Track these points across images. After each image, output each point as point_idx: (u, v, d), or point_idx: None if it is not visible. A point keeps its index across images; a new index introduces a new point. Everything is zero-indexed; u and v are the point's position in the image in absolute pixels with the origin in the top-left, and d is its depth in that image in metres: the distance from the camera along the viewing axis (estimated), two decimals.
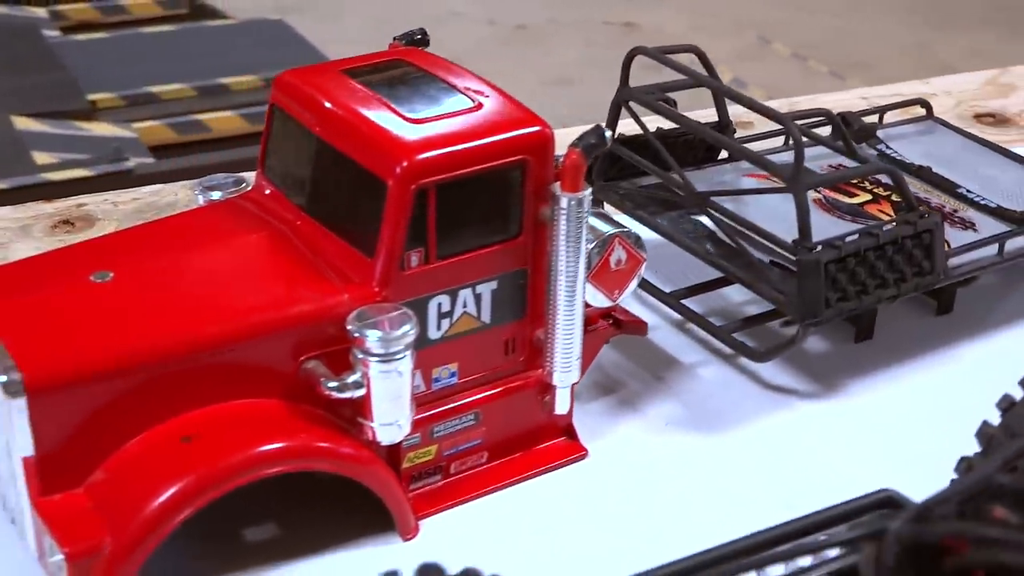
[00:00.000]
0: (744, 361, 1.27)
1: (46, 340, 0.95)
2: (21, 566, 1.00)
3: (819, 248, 1.12)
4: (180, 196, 1.52)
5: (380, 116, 1.02)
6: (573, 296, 1.06)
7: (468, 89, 1.07)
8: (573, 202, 1.02)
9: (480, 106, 1.05)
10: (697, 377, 1.25)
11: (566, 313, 1.06)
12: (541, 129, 1.03)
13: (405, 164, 0.98)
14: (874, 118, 1.46)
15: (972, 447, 0.85)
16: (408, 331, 0.98)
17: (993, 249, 1.25)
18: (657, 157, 1.25)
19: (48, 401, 0.93)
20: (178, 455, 0.95)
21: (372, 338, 0.97)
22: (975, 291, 1.35)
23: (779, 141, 1.41)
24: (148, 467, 0.95)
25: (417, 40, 1.17)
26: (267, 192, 1.11)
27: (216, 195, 1.14)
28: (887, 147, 1.42)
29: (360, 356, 0.98)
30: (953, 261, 1.21)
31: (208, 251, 1.04)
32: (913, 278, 1.17)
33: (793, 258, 1.13)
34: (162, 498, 0.93)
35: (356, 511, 1.06)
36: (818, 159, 1.39)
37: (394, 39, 1.17)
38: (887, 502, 0.75)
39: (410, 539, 1.05)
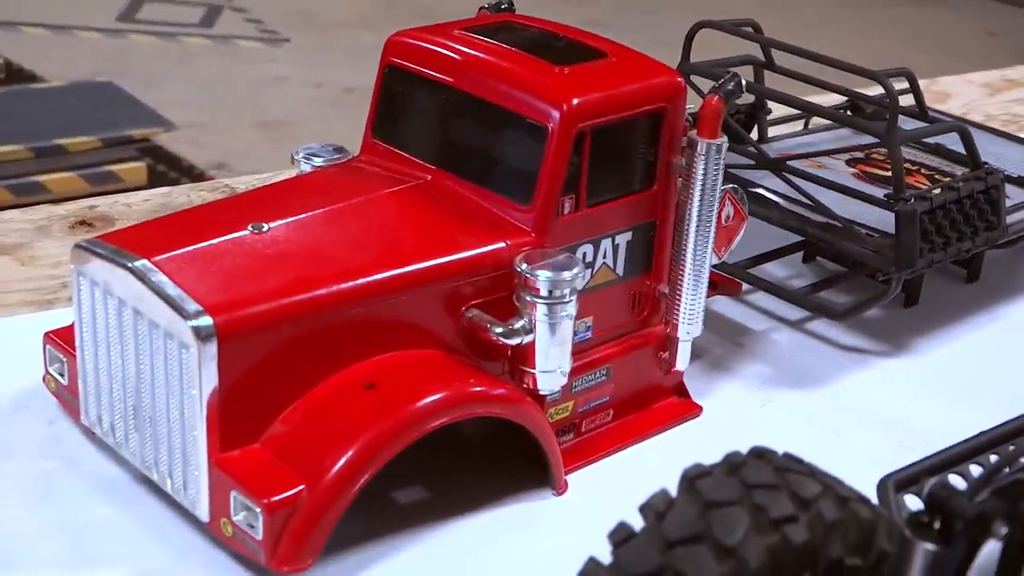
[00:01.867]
0: (811, 325, 1.30)
1: (223, 287, 0.90)
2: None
3: (913, 200, 1.16)
4: (192, 197, 1.47)
5: (525, 64, 1.02)
6: (706, 244, 1.07)
7: (592, 41, 1.08)
8: (713, 148, 1.04)
9: (612, 57, 1.06)
10: (773, 342, 1.27)
11: (696, 262, 1.07)
12: (677, 79, 1.05)
13: (565, 108, 0.98)
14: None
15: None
16: (577, 274, 0.98)
17: None
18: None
19: (236, 347, 0.89)
20: (367, 402, 0.92)
21: (543, 278, 0.96)
22: (995, 264, 1.43)
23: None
24: (337, 415, 0.91)
25: (504, 8, 1.17)
26: (381, 153, 1.09)
27: (319, 161, 1.11)
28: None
29: (529, 299, 0.97)
30: (1007, 220, 1.27)
31: (353, 205, 1.01)
32: (983, 232, 1.22)
33: (891, 210, 1.16)
34: (361, 444, 0.89)
35: (498, 474, 1.04)
36: (839, 140, 1.44)
37: (481, 9, 1.17)
38: None
39: (561, 494, 1.03)
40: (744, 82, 1.05)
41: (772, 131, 1.45)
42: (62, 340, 1.03)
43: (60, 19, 5.30)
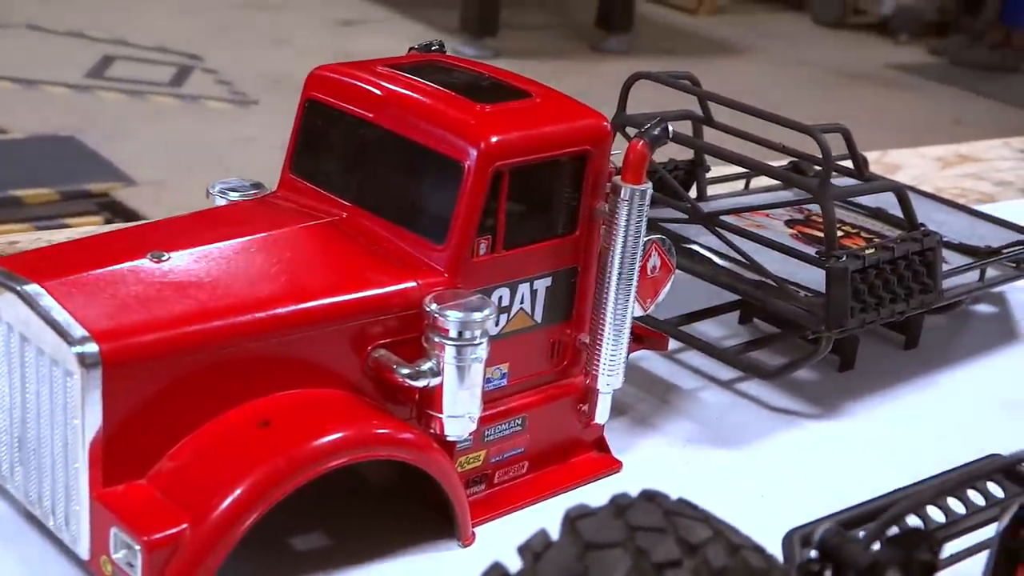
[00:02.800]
0: (742, 386, 1.27)
1: (114, 314, 0.87)
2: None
3: (845, 258, 1.14)
4: None
5: (446, 101, 1.00)
6: (628, 292, 1.04)
7: (518, 83, 1.06)
8: (636, 193, 1.01)
9: (537, 98, 1.03)
10: (700, 400, 1.24)
11: (618, 311, 1.04)
12: (602, 122, 1.03)
13: (483, 145, 0.95)
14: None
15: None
16: (488, 315, 0.94)
17: (973, 276, 1.30)
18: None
19: (123, 376, 0.85)
20: (260, 440, 0.88)
21: (452, 319, 0.93)
22: (934, 331, 1.40)
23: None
24: (228, 452, 0.87)
25: (435, 49, 1.14)
26: (299, 189, 1.06)
27: (235, 196, 1.08)
28: None
29: (437, 340, 0.94)
30: (944, 284, 1.25)
31: (262, 238, 0.98)
32: (918, 295, 1.20)
33: (822, 267, 1.14)
34: (250, 482, 0.85)
35: (402, 522, 1.00)
36: (780, 201, 1.42)
37: (411, 48, 1.15)
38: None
39: (467, 545, 0.99)
40: (671, 128, 1.02)
41: (712, 190, 1.43)
42: None
43: (28, 74, 5.27)
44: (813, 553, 0.67)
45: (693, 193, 1.40)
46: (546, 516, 1.03)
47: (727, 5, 7.93)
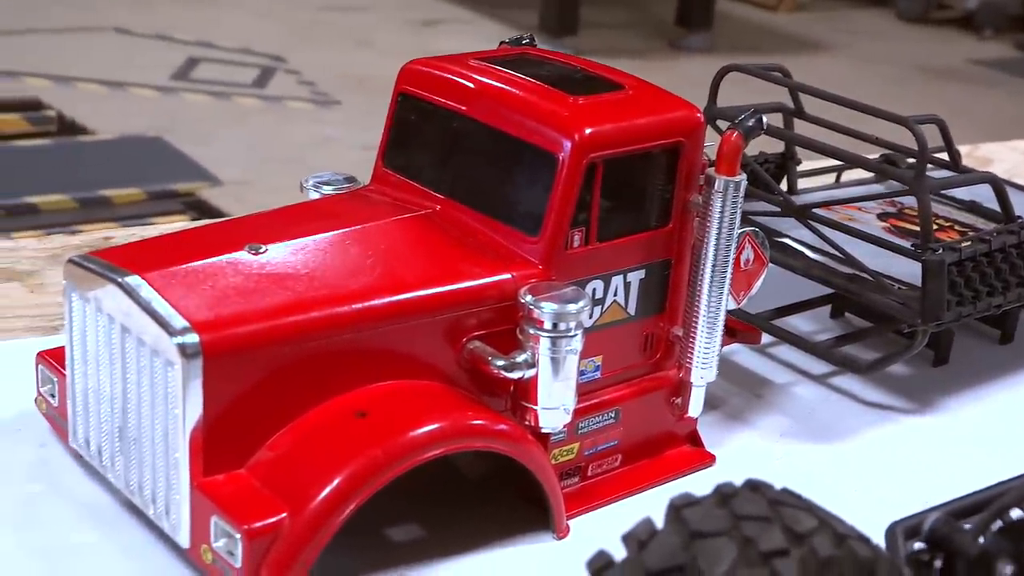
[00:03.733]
0: (835, 380, 1.26)
1: (213, 305, 0.88)
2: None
3: (941, 250, 1.12)
4: None
5: (539, 94, 1.00)
6: (722, 284, 1.03)
7: (611, 75, 1.05)
8: (730, 185, 1.01)
9: (630, 89, 1.03)
10: (793, 395, 1.23)
11: (712, 304, 1.03)
12: (695, 113, 1.02)
13: (577, 137, 0.95)
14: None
15: None
16: (583, 307, 0.94)
17: None
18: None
19: (223, 366, 0.86)
20: (357, 430, 0.88)
21: (547, 311, 0.93)
22: None
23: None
24: (326, 442, 0.88)
25: (525, 43, 1.14)
26: (392, 182, 1.06)
27: (328, 189, 1.09)
28: None
29: (532, 332, 0.94)
30: None
31: (357, 231, 0.98)
32: (1015, 288, 1.18)
33: (919, 260, 1.12)
34: (348, 472, 0.86)
35: (497, 514, 1.00)
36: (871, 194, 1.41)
37: (502, 42, 1.15)
38: None
39: (562, 537, 0.99)
40: (765, 120, 1.01)
41: (802, 183, 1.42)
42: (54, 360, 1.01)
43: (115, 76, 5.35)
44: (918, 545, 0.66)
45: (784, 187, 1.38)
46: (640, 509, 1.03)
47: (808, 1, 7.85)
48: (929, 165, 1.21)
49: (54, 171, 4.11)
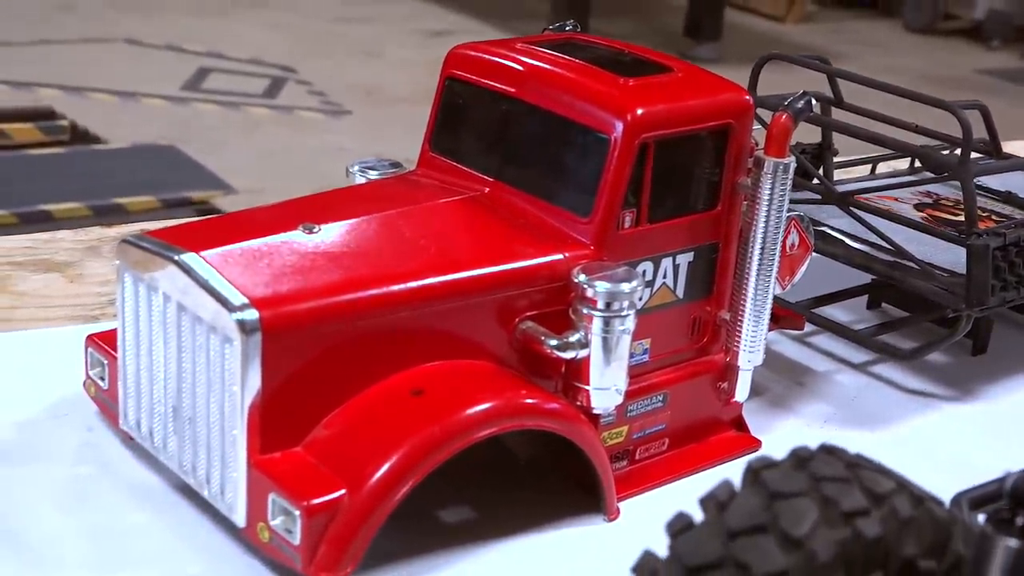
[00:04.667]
0: (875, 368, 1.25)
1: (271, 283, 0.88)
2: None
3: (986, 235, 1.12)
4: None
5: (589, 75, 1.00)
6: (770, 268, 1.03)
7: (659, 58, 1.05)
8: (780, 167, 1.01)
9: (679, 72, 1.03)
10: (836, 382, 1.23)
11: (760, 287, 1.03)
12: (744, 96, 1.02)
13: (629, 118, 0.95)
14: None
15: None
16: (636, 287, 0.94)
17: None
18: None
19: (281, 343, 0.86)
20: (414, 407, 0.88)
21: (600, 290, 0.93)
22: None
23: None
24: (382, 420, 0.88)
25: (569, 29, 1.14)
26: (439, 166, 1.06)
27: (374, 174, 1.09)
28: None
29: (585, 312, 0.94)
30: None
31: (408, 211, 0.99)
32: None
33: (963, 245, 1.12)
34: (405, 450, 0.86)
35: (548, 496, 1.00)
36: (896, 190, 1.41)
37: (545, 29, 1.15)
38: None
39: (613, 519, 0.99)
40: (814, 102, 1.01)
41: (838, 175, 1.42)
42: (104, 343, 1.01)
43: (127, 86, 5.36)
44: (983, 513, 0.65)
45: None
46: (688, 494, 1.03)
47: (816, 12, 7.87)
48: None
49: (68, 179, 4.12)
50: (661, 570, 0.61)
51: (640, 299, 0.96)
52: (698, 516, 0.63)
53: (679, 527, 0.62)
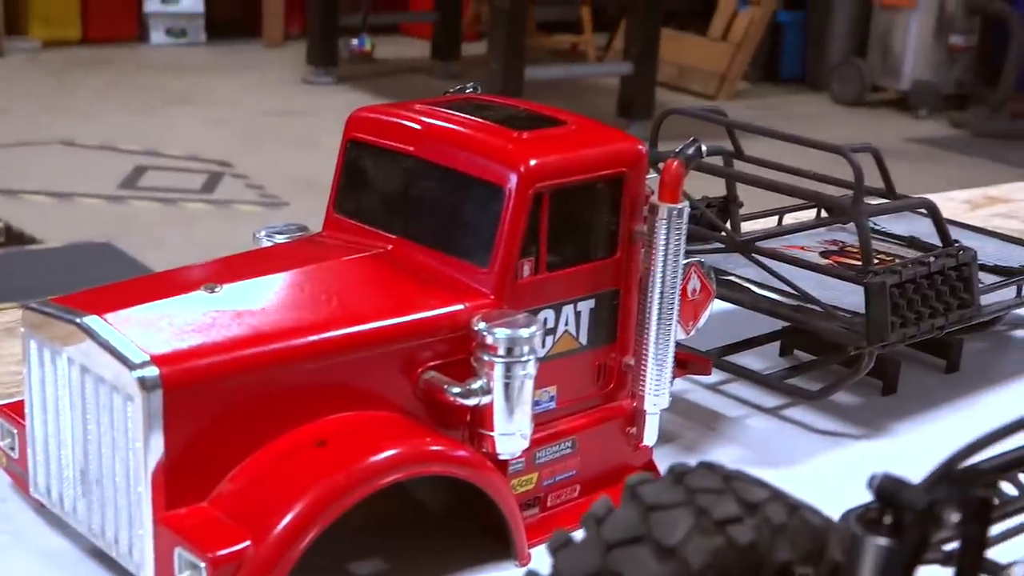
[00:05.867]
0: (787, 412, 1.28)
1: (171, 340, 0.89)
2: None
3: (882, 273, 1.15)
4: None
5: (484, 131, 1.02)
6: (671, 312, 1.05)
7: (553, 113, 1.08)
8: (674, 212, 1.03)
9: (572, 125, 1.06)
10: (747, 426, 1.25)
11: (662, 330, 1.06)
12: (637, 146, 1.05)
13: (523, 168, 0.98)
14: None
15: None
16: (535, 332, 0.96)
17: (1010, 293, 1.31)
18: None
19: (182, 399, 0.87)
20: (317, 458, 0.90)
21: (500, 336, 0.95)
22: (974, 355, 1.41)
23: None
24: (286, 471, 0.89)
25: (469, 91, 1.17)
26: (344, 227, 1.08)
27: (280, 238, 1.11)
28: (875, 224, 1.48)
29: (486, 359, 0.96)
30: (982, 301, 1.26)
31: (311, 269, 1.00)
32: (956, 309, 1.21)
33: (860, 284, 1.15)
34: (309, 499, 0.86)
35: (459, 545, 1.01)
36: (814, 235, 1.44)
37: (446, 91, 1.18)
38: None
39: (524, 564, 1.00)
40: (704, 148, 1.05)
41: (749, 226, 1.45)
42: (14, 413, 1.01)
43: (63, 187, 5.37)
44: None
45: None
46: None
47: (746, 89, 8.01)
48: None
49: (2, 279, 4.11)
50: None
51: (541, 345, 0.98)
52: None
53: (558, 544, 0.64)
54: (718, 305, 1.26)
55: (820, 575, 0.65)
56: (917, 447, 1.23)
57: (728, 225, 1.43)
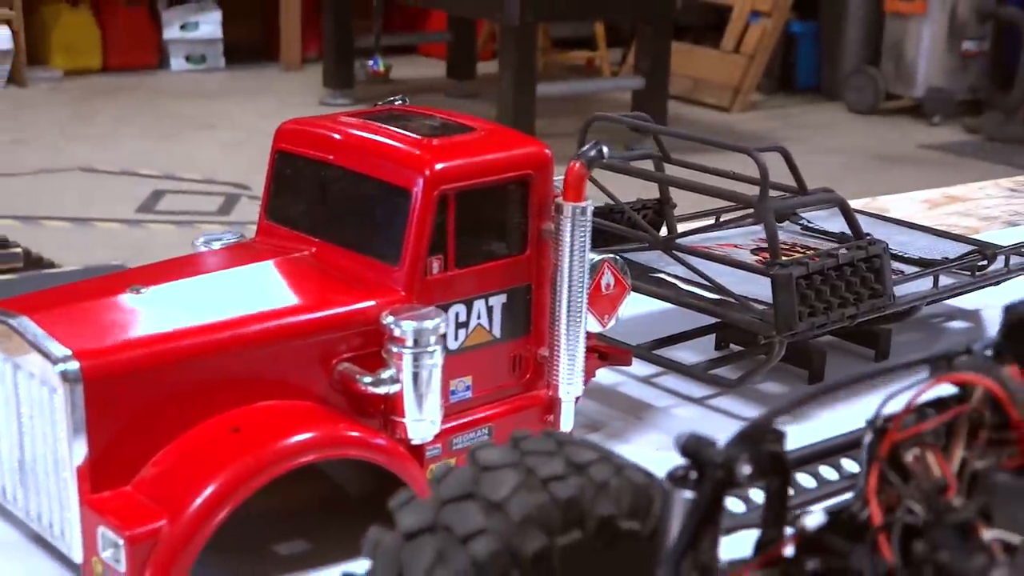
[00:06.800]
0: (714, 402, 1.34)
1: (94, 337, 0.96)
2: None
3: (789, 265, 1.21)
4: None
5: (397, 138, 1.09)
6: (579, 303, 1.12)
7: (466, 121, 1.15)
8: (577, 210, 1.10)
9: (482, 131, 1.13)
10: (673, 415, 1.31)
11: (572, 322, 1.12)
12: (542, 149, 1.12)
13: (428, 172, 1.05)
14: None
15: None
16: (439, 324, 1.03)
17: (927, 284, 1.37)
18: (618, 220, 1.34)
19: (103, 391, 0.94)
20: (231, 442, 0.96)
21: (407, 329, 1.01)
22: (904, 346, 1.46)
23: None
24: (201, 455, 0.96)
25: (399, 103, 1.24)
26: (274, 233, 1.16)
27: (217, 245, 1.18)
28: (808, 222, 1.55)
29: (395, 350, 1.02)
30: (897, 292, 1.32)
31: (234, 271, 1.08)
32: (868, 299, 1.27)
33: (768, 275, 1.21)
34: (221, 480, 0.93)
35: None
36: (749, 233, 1.50)
37: (376, 103, 1.25)
38: None
39: None
40: (605, 150, 1.11)
41: (684, 226, 1.51)
42: None
43: (82, 212, 5.47)
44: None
45: (664, 230, 1.48)
46: None
47: (761, 100, 8.06)
48: (783, 193, 1.32)
49: None
50: (385, 540, 0.69)
51: (444, 336, 1.04)
52: None
53: (401, 501, 0.70)
54: (657, 302, 1.33)
55: (646, 529, 0.71)
56: (836, 432, 1.28)
57: (664, 225, 1.49)
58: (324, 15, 7.28)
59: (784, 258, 1.23)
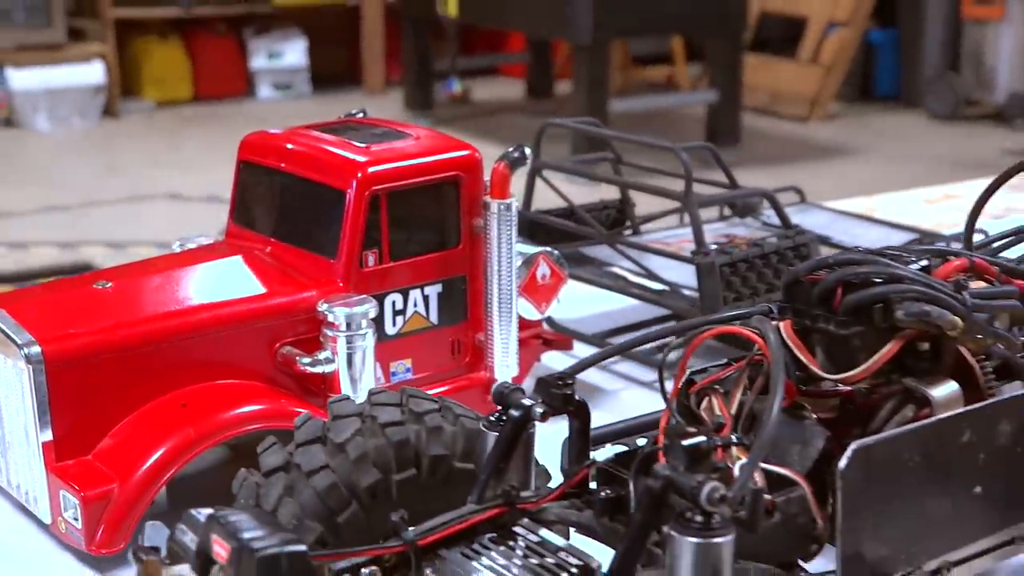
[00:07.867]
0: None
1: (59, 324, 1.10)
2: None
3: (712, 254, 1.31)
4: None
5: (340, 147, 1.22)
6: (509, 293, 1.23)
7: (407, 129, 1.27)
8: (502, 207, 1.21)
9: (418, 138, 1.25)
10: (620, 399, 1.41)
11: (503, 307, 1.23)
12: (471, 153, 1.24)
13: (360, 175, 1.17)
14: None
15: None
16: (368, 309, 1.15)
17: None
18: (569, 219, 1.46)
19: (64, 371, 1.07)
20: (178, 416, 1.10)
21: (339, 315, 1.14)
22: None
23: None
24: (152, 427, 1.09)
25: (358, 115, 1.37)
26: (239, 235, 1.29)
27: (190, 246, 1.31)
28: (768, 218, 1.64)
29: (330, 334, 1.15)
30: None
31: (193, 268, 1.21)
32: None
33: (693, 264, 1.31)
34: (165, 447, 1.07)
35: None
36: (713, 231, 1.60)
37: (338, 117, 1.37)
38: None
39: None
40: (528, 151, 1.22)
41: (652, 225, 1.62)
42: None
43: (168, 238, 5.64)
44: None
45: (628, 227, 1.58)
46: None
47: (840, 110, 8.07)
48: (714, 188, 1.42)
49: None
50: (249, 479, 0.81)
51: (374, 319, 1.16)
52: None
53: (265, 447, 0.83)
54: (622, 298, 1.44)
55: (478, 468, 0.83)
56: None
57: (628, 222, 1.60)
58: (403, 40, 7.47)
59: (714, 247, 1.33)
